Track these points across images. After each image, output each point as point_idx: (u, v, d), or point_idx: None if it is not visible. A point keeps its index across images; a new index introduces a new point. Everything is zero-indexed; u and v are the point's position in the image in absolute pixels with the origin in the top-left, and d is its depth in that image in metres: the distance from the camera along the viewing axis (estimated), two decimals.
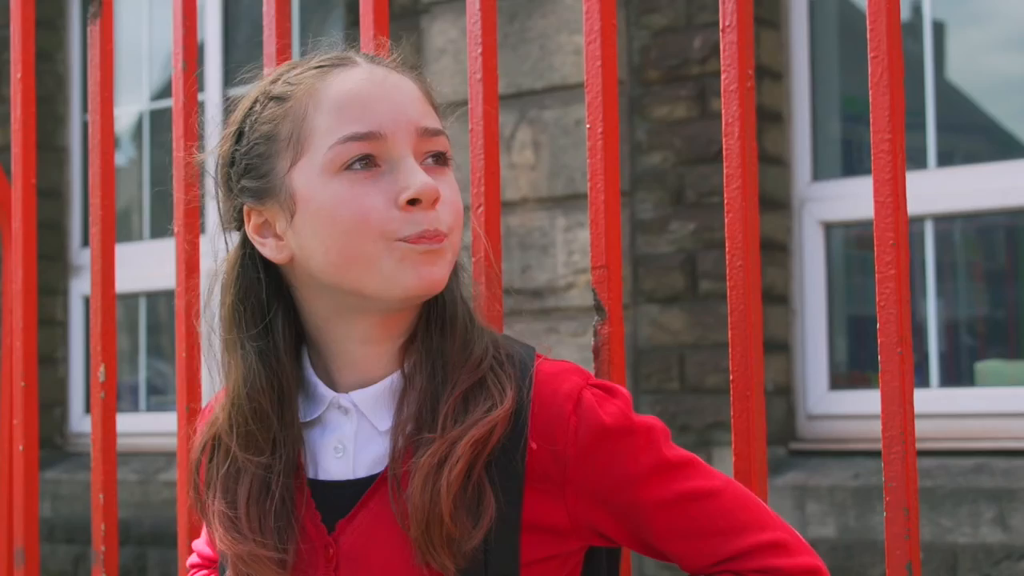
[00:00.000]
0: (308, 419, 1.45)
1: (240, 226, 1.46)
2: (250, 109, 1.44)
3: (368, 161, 1.37)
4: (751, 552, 1.37)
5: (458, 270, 1.46)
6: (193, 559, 1.67)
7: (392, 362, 1.43)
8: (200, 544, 1.65)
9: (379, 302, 1.39)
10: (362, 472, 1.41)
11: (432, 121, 1.42)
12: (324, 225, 1.37)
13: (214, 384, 1.58)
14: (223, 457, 1.44)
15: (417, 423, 1.37)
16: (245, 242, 1.45)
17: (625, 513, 1.38)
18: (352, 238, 1.36)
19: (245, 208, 1.44)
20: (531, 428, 1.36)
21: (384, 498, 1.38)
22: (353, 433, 1.42)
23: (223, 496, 1.42)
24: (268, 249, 1.42)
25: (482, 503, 1.34)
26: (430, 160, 1.40)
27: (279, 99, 1.42)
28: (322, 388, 1.44)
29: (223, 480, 1.43)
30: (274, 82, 1.45)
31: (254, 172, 1.42)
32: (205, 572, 1.63)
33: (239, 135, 1.45)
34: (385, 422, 1.41)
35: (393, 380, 1.42)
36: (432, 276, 1.37)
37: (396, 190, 1.36)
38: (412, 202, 1.36)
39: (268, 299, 1.44)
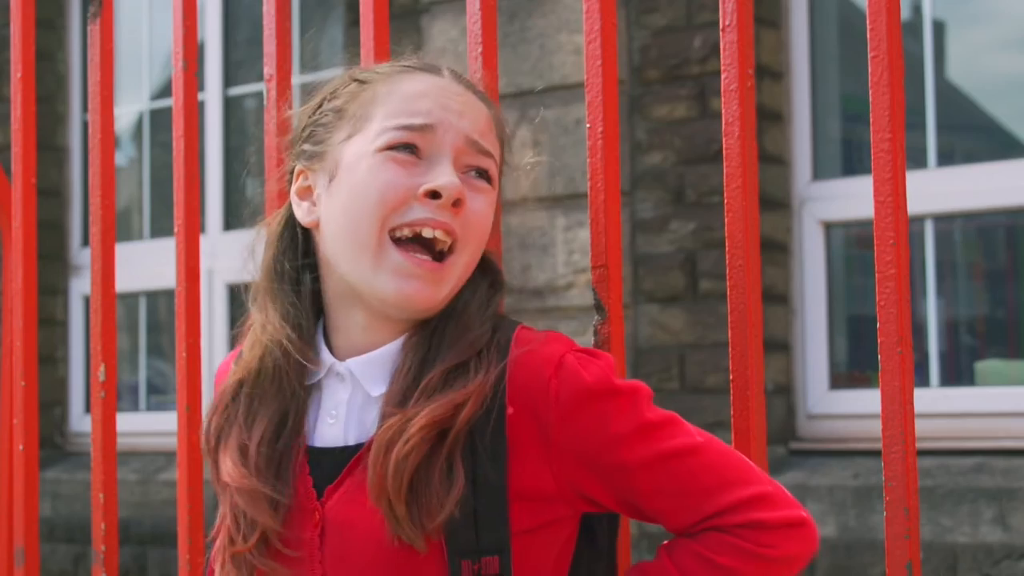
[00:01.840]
0: (310, 382, 1.48)
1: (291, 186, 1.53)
2: (335, 87, 1.52)
3: (411, 149, 1.42)
4: (735, 507, 1.38)
5: (491, 284, 1.49)
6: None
7: (392, 336, 1.46)
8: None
9: (367, 299, 1.44)
10: (352, 439, 1.43)
11: (487, 142, 1.47)
12: (351, 193, 1.43)
13: (214, 383, 1.59)
14: (246, 398, 1.48)
15: (403, 397, 1.40)
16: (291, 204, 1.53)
17: (610, 475, 1.38)
18: (362, 214, 1.41)
19: (296, 169, 1.51)
20: (509, 393, 1.38)
21: (367, 466, 1.39)
22: (347, 400, 1.45)
23: (246, 430, 1.46)
24: (301, 210, 1.50)
25: (451, 480, 1.35)
26: (473, 173, 1.45)
27: (360, 82, 1.50)
28: (325, 353, 1.47)
29: (243, 417, 1.47)
30: (365, 70, 1.53)
31: (315, 138, 1.50)
32: None
33: (319, 105, 1.52)
34: (378, 388, 1.43)
35: (390, 349, 1.45)
36: (416, 293, 1.41)
37: (422, 180, 1.41)
38: (433, 196, 1.40)
39: (301, 259, 1.51)
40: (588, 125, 1.62)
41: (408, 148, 1.42)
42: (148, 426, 5.47)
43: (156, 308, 5.82)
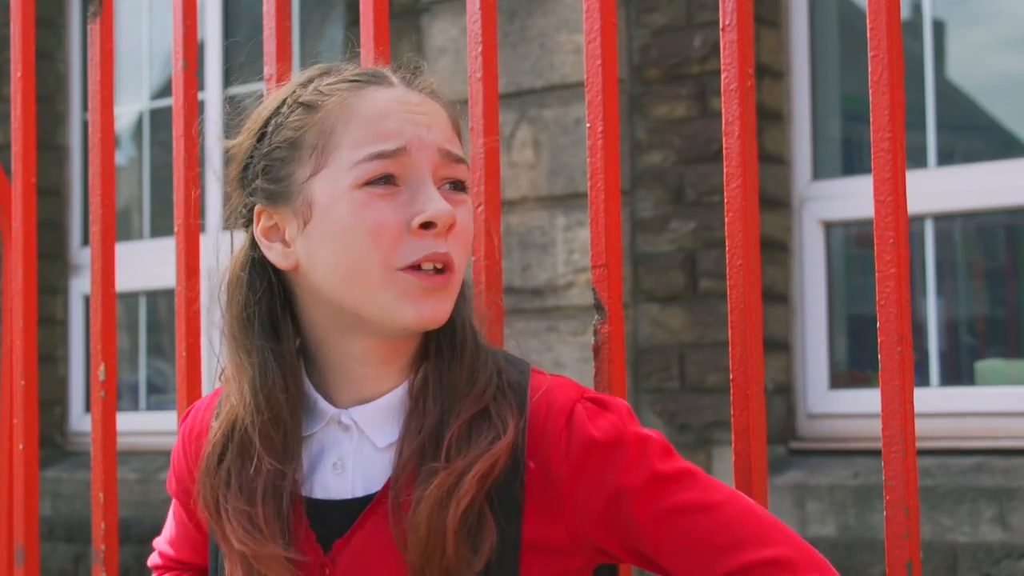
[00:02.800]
0: (306, 434, 1.43)
1: (248, 224, 1.45)
2: (276, 111, 1.43)
3: (388, 180, 1.36)
4: (749, 569, 1.32)
5: (465, 292, 1.45)
6: (154, 559, 1.64)
7: (394, 380, 1.42)
8: (161, 543, 1.62)
9: (377, 327, 1.38)
10: (359, 491, 1.39)
11: (456, 148, 1.41)
12: (337, 237, 1.36)
13: (214, 383, 1.57)
14: (237, 456, 1.41)
15: (421, 447, 1.36)
16: (254, 244, 1.44)
17: (623, 528, 1.35)
18: (360, 256, 1.35)
19: (256, 209, 1.43)
20: (528, 447, 1.35)
21: (381, 519, 1.36)
22: (352, 451, 1.40)
23: (241, 493, 1.40)
24: (274, 253, 1.41)
25: (482, 533, 1.33)
26: (448, 186, 1.40)
27: (308, 107, 1.40)
28: (322, 403, 1.42)
29: (239, 479, 1.41)
30: (304, 86, 1.43)
31: (272, 175, 1.41)
32: (173, 574, 1.62)
33: (261, 135, 1.43)
34: (383, 439, 1.40)
35: (395, 397, 1.41)
36: (433, 313, 1.36)
37: (412, 212, 1.35)
38: (426, 226, 1.35)
39: (279, 304, 1.43)
40: (588, 124, 1.62)
41: (385, 179, 1.36)
42: (148, 425, 5.47)
43: (156, 307, 5.82)
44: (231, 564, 1.42)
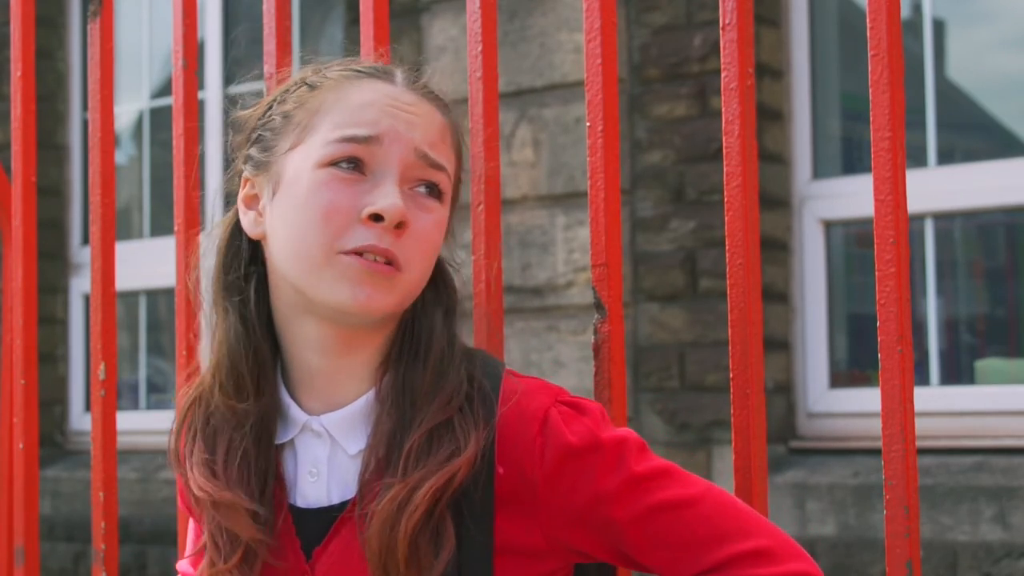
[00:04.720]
0: (282, 441, 1.44)
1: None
2: (286, 88, 1.47)
3: (355, 165, 1.37)
4: (731, 562, 1.33)
5: (441, 298, 1.45)
6: None
7: (360, 384, 1.42)
8: (184, 565, 1.63)
9: (322, 309, 1.39)
10: (335, 497, 1.41)
11: (438, 155, 1.41)
12: (293, 210, 1.38)
13: None
14: (204, 410, 1.46)
15: (386, 456, 1.37)
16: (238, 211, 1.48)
17: (602, 530, 1.36)
18: (307, 234, 1.36)
19: (243, 175, 1.47)
20: (498, 451, 1.35)
21: (354, 527, 1.38)
22: (326, 457, 1.42)
23: (204, 445, 1.44)
24: (247, 220, 1.45)
25: (440, 540, 1.33)
26: (422, 188, 1.39)
27: (310, 86, 1.44)
28: (295, 410, 1.43)
29: (203, 431, 1.44)
30: (316, 71, 1.47)
31: (262, 144, 1.44)
32: None
33: (268, 107, 1.47)
34: (354, 445, 1.41)
35: (363, 403, 1.41)
36: (370, 299, 1.35)
37: (365, 202, 1.35)
38: (374, 218, 1.35)
39: (247, 269, 1.46)
40: (588, 124, 1.62)
41: (352, 162, 1.36)
42: (148, 424, 5.47)
43: (156, 306, 5.83)
44: (202, 525, 1.44)
